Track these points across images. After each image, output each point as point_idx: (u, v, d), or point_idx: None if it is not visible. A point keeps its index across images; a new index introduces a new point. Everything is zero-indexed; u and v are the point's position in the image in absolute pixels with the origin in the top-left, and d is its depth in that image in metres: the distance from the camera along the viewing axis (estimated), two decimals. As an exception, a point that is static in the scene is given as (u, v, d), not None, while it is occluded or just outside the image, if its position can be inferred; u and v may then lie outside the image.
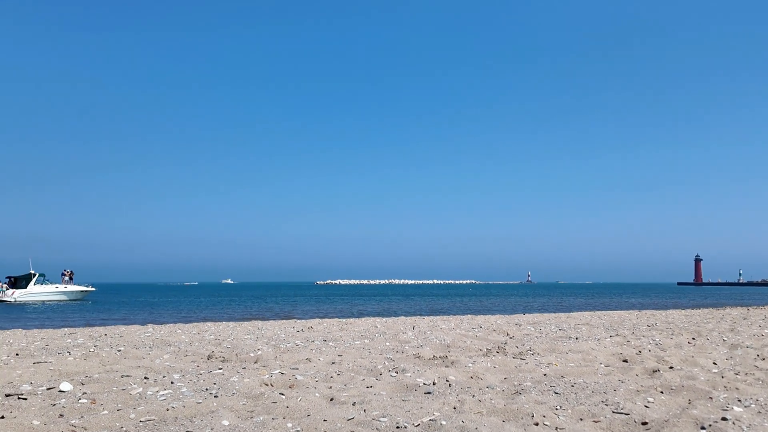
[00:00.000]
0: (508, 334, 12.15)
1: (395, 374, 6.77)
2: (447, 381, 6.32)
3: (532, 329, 13.44)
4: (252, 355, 8.64)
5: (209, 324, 17.39)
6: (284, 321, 18.70)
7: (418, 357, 8.31)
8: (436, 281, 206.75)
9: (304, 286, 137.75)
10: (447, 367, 7.43)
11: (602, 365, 7.69)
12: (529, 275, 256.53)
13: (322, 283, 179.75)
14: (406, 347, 9.61)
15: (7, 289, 47.06)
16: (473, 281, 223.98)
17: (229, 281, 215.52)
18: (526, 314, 22.29)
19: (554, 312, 26.39)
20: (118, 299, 54.79)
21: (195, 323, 18.08)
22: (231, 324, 16.94)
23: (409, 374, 6.73)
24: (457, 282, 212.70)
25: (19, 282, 47.46)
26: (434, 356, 8.33)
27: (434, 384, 6.18)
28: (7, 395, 5.57)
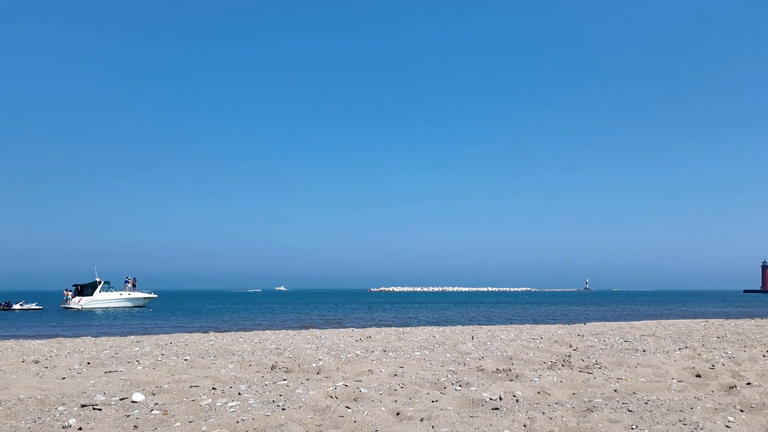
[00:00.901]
0: (571, 346, 11.88)
1: (459, 388, 6.69)
2: (514, 396, 6.20)
3: (596, 340, 13.10)
4: (314, 365, 8.69)
5: (269, 332, 17.63)
6: (342, 330, 18.79)
7: (481, 370, 8.20)
8: (490, 289, 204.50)
9: (359, 294, 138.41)
10: (512, 380, 7.30)
11: (675, 380, 7.42)
12: (587, 283, 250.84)
13: (376, 290, 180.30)
14: (467, 359, 9.49)
15: (73, 296, 48.94)
16: (529, 289, 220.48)
17: (282, 288, 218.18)
18: (587, 324, 21.76)
19: (615, 321, 25.69)
20: (178, 306, 56.23)
21: (255, 332, 18.35)
22: (290, 333, 17.13)
23: (474, 388, 6.64)
24: (511, 290, 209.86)
25: (85, 290, 49.29)
26: (497, 369, 8.20)
27: (501, 399, 6.07)
28: (82, 405, 5.75)
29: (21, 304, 48.03)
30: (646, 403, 5.90)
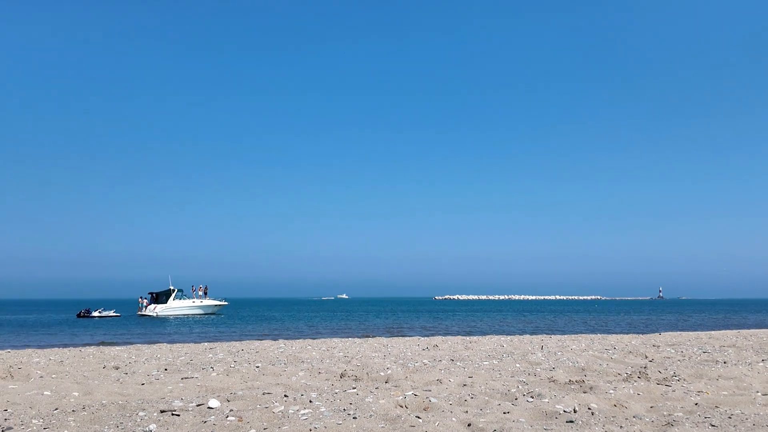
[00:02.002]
0: (646, 357, 11.48)
1: (531, 399, 6.56)
2: (589, 408, 6.03)
3: (672, 351, 12.61)
4: (382, 374, 8.72)
5: (336, 340, 17.82)
6: (408, 338, 18.79)
7: (553, 381, 8.02)
8: (557, 297, 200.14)
9: (423, 302, 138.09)
10: (585, 392, 7.11)
11: (759, 394, 7.05)
12: (660, 291, 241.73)
13: (440, 298, 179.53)
14: (538, 369, 9.31)
15: (149, 304, 50.83)
16: (599, 297, 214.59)
17: (344, 296, 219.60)
18: (662, 333, 20.99)
19: (692, 331, 24.67)
20: (246, 314, 57.52)
21: (323, 339, 18.59)
22: (357, 341, 17.25)
23: (547, 400, 6.50)
24: (580, 298, 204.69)
25: (160, 297, 51.12)
26: (570, 380, 8.00)
27: (575, 411, 5.92)
28: (162, 411, 5.95)
29: (100, 312, 50.25)
30: (730, 418, 5.64)
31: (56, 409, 6.19)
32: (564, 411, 5.93)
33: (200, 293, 53.38)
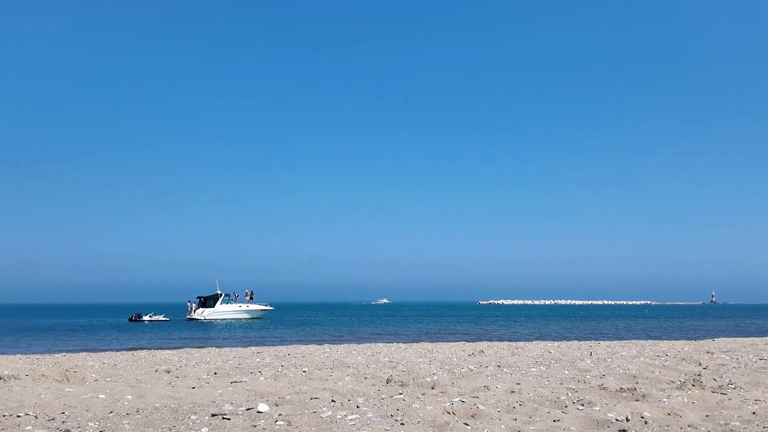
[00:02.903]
0: (700, 364, 11.16)
1: (582, 407, 6.45)
2: (642, 417, 5.89)
3: (727, 358, 12.22)
4: (428, 380, 8.69)
5: (381, 345, 17.85)
6: (453, 344, 18.69)
7: (603, 388, 7.86)
8: (605, 302, 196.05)
9: (466, 306, 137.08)
10: (638, 400, 6.94)
11: (823, 404, 6.77)
12: (713, 296, 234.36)
13: (484, 303, 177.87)
14: (587, 376, 9.14)
15: (197, 308, 51.85)
16: (648, 302, 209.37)
17: (384, 301, 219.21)
18: (716, 340, 20.37)
19: (747, 337, 23.87)
20: (291, 318, 58.10)
21: (368, 344, 18.65)
22: (402, 346, 17.25)
23: (598, 408, 6.37)
24: (629, 303, 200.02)
25: (208, 302, 52.09)
26: (621, 388, 7.83)
27: (628, 420, 5.79)
28: (212, 415, 6.05)
29: (150, 316, 51.50)
30: (793, 429, 5.43)
31: (111, 412, 6.37)
32: (616, 419, 5.81)
33: (246, 298, 54.21)
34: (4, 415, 6.19)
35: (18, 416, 6.16)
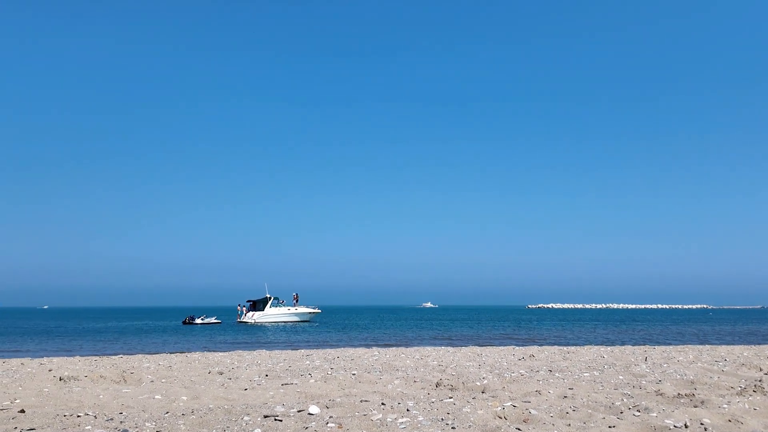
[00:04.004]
0: (761, 369, 10.74)
1: (638, 413, 6.27)
2: (701, 424, 5.70)
3: (792, 365, 11.73)
4: (478, 384, 8.61)
5: (429, 349, 17.79)
6: (502, 348, 18.49)
7: (660, 394, 7.64)
8: (660, 306, 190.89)
9: (515, 310, 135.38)
10: (696, 407, 6.72)
11: None
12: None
13: (534, 306, 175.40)
14: (643, 382, 8.91)
15: (247, 311, 52.72)
16: (706, 306, 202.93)
17: (429, 305, 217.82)
18: (778, 345, 19.59)
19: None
20: (338, 321, 58.46)
21: (416, 347, 18.61)
22: (450, 349, 17.15)
23: (655, 414, 6.19)
24: (685, 307, 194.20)
25: (258, 305, 52.91)
26: (678, 393, 7.59)
27: (686, 427, 5.61)
28: (265, 416, 6.13)
29: (202, 319, 52.60)
30: None
31: (167, 412, 6.52)
32: (674, 426, 5.63)
33: (293, 301, 54.84)
34: (65, 415, 6.41)
35: (78, 416, 6.37)
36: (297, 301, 55.23)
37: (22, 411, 6.65)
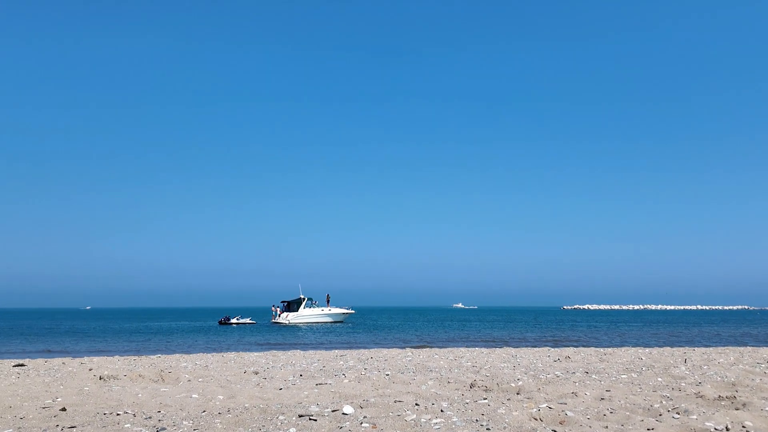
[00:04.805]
0: (807, 373, 10.43)
1: (677, 415, 6.15)
2: (743, 427, 5.56)
3: (839, 367, 11.37)
4: (513, 385, 8.54)
5: (463, 350, 17.71)
6: (537, 349, 18.31)
7: (700, 396, 7.48)
8: (699, 307, 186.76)
9: (549, 311, 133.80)
10: (738, 409, 6.56)
11: None
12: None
13: (569, 308, 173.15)
14: (682, 384, 8.73)
15: (281, 312, 53.16)
16: (746, 307, 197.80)
17: (460, 305, 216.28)
18: (824, 348, 18.99)
19: None
20: (371, 322, 58.55)
21: (450, 349, 18.53)
22: (484, 350, 17.04)
23: (695, 416, 6.06)
24: (725, 308, 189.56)
25: (292, 306, 53.31)
26: (719, 396, 7.42)
27: (727, 430, 5.48)
28: (299, 416, 6.18)
29: (237, 319, 53.25)
30: None
31: (204, 411, 6.62)
32: (715, 429, 5.51)
33: (326, 302, 55.13)
34: (105, 414, 6.55)
35: (117, 414, 6.51)
36: (329, 302, 55.52)
37: (64, 409, 6.82)
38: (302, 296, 53.37)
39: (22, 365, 12.63)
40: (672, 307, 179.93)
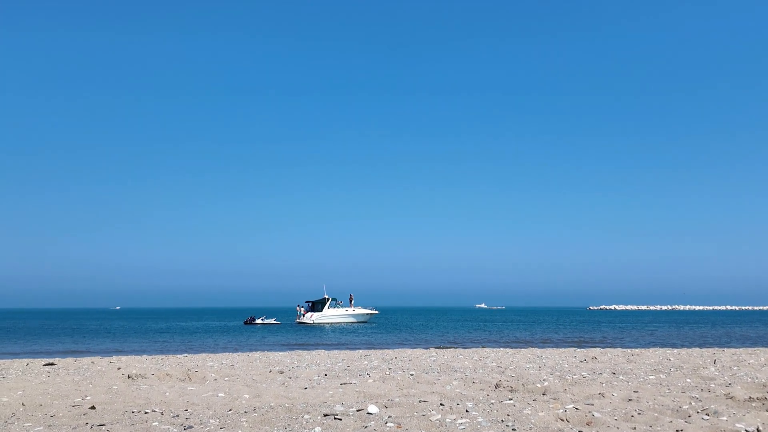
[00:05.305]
0: (841, 374, 10.19)
1: (707, 417, 6.05)
2: (776, 430, 5.45)
3: None
4: (539, 386, 8.47)
5: (488, 350, 17.63)
6: (562, 349, 18.16)
7: (730, 397, 7.35)
8: (728, 307, 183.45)
9: (574, 312, 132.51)
10: (769, 411, 6.44)
11: None
12: None
13: (595, 308, 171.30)
14: (712, 385, 8.59)
15: (306, 312, 53.43)
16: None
17: (483, 306, 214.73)
18: None
19: None
20: (394, 322, 58.57)
21: (474, 349, 18.47)
22: (509, 351, 16.95)
23: (725, 418, 5.96)
24: (756, 308, 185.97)
25: (316, 306, 53.54)
26: (750, 397, 7.28)
27: (758, 431, 5.38)
28: (325, 415, 6.20)
29: (262, 319, 53.67)
30: None
31: (230, 410, 6.68)
32: (745, 430, 5.41)
33: (349, 302, 55.26)
34: (133, 412, 6.65)
35: (145, 413, 6.60)
36: (352, 302, 55.65)
37: (93, 407, 6.93)
38: (326, 296, 53.58)
39: (52, 364, 12.87)
40: (700, 308, 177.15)
